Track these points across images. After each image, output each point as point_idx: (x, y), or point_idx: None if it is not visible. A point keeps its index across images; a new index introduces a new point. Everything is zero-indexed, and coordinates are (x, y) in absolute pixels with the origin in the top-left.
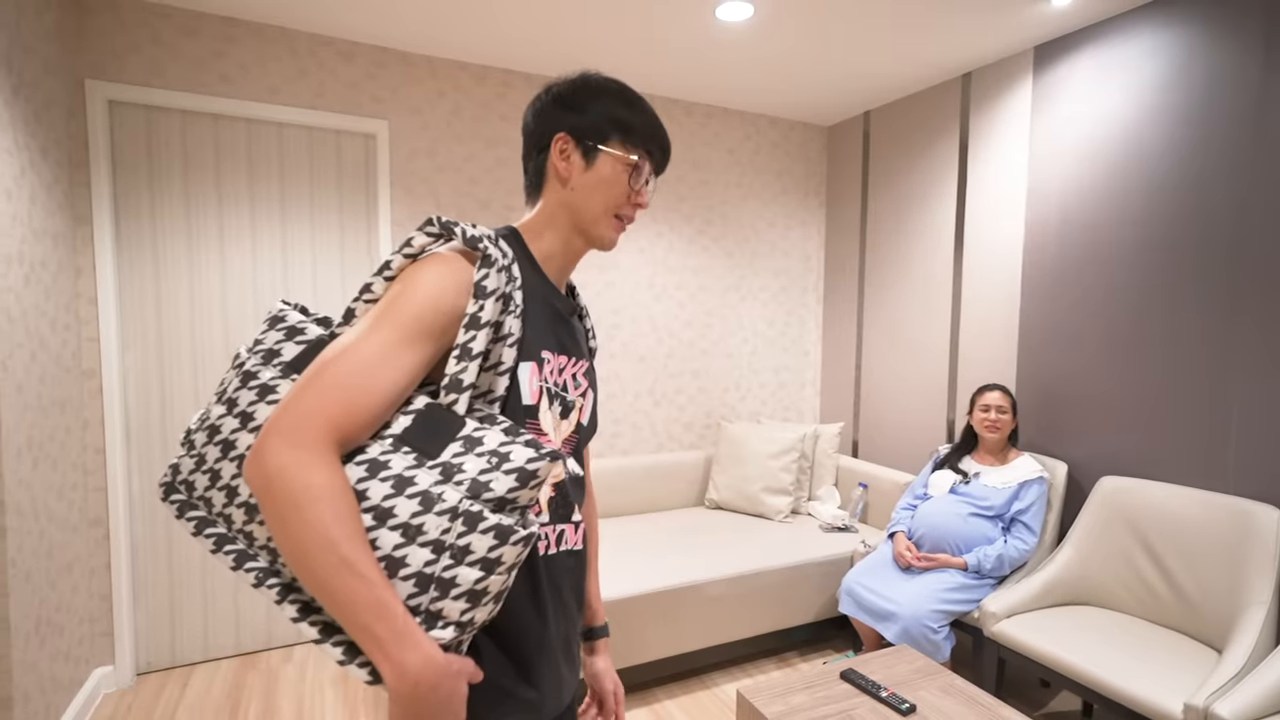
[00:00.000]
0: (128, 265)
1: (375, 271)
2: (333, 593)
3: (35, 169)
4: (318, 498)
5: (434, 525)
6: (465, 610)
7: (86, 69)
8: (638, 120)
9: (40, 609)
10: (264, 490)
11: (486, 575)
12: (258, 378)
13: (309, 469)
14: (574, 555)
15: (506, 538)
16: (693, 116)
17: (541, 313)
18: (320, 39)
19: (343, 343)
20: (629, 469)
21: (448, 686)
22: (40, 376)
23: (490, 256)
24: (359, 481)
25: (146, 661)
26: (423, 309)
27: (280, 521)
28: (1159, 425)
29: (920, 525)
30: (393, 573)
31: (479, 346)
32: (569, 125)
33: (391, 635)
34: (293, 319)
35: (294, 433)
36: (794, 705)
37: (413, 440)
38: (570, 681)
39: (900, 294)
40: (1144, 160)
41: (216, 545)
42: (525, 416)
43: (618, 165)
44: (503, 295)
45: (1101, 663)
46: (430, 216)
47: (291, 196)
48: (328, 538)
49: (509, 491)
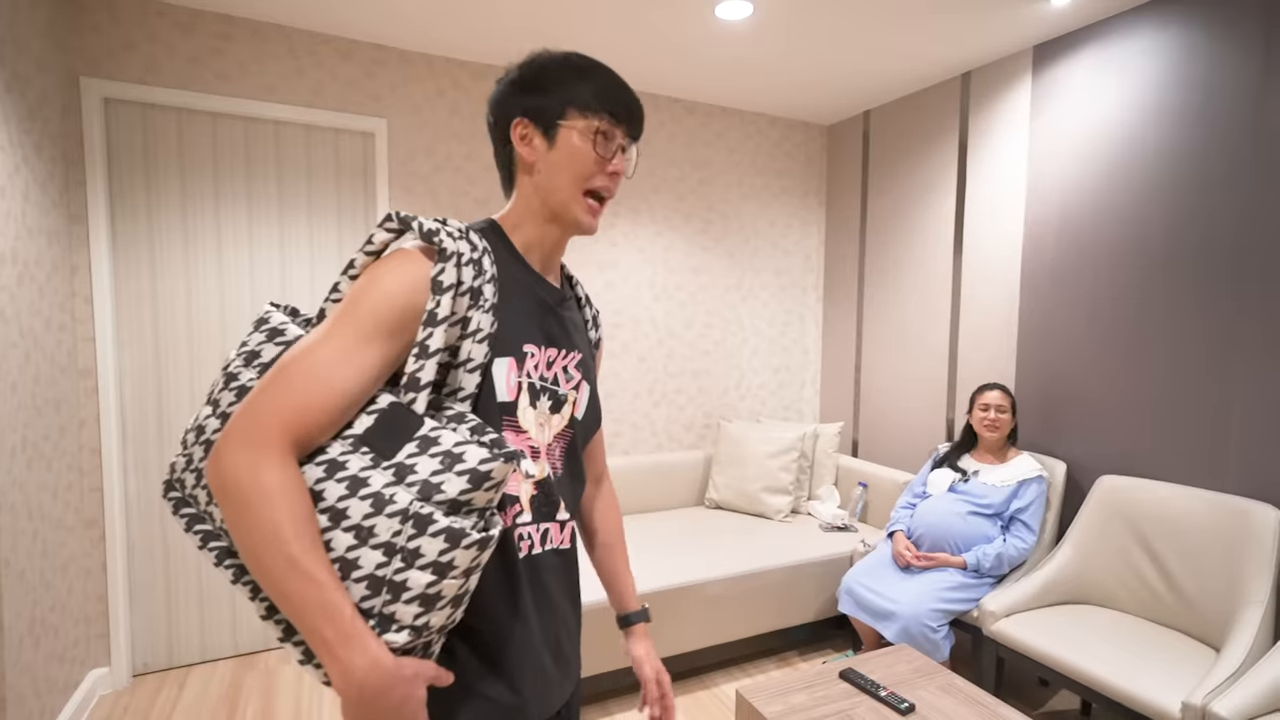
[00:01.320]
0: (124, 264)
1: (342, 270)
2: (283, 593)
3: (29, 166)
4: (269, 498)
5: (385, 527)
6: (419, 614)
7: (82, 66)
8: (594, 86)
9: (35, 610)
10: (220, 490)
11: (439, 579)
12: (238, 379)
13: (262, 469)
14: (560, 554)
15: (458, 541)
16: (694, 115)
17: (525, 305)
18: (318, 37)
19: (304, 344)
20: (629, 469)
21: (399, 691)
22: (35, 376)
23: (446, 250)
24: (317, 482)
25: (143, 663)
26: (379, 307)
27: (234, 521)
28: (1158, 424)
29: (919, 524)
30: (346, 574)
31: (436, 344)
32: (524, 108)
33: (339, 637)
34: (276, 320)
35: (249, 433)
36: (793, 705)
37: (371, 440)
38: (562, 683)
39: (900, 293)
40: (1143, 160)
41: (203, 541)
42: (501, 414)
43: (580, 136)
44: (469, 290)
45: (1100, 661)
46: (389, 212)
47: (289, 195)
48: (278, 537)
49: (461, 493)
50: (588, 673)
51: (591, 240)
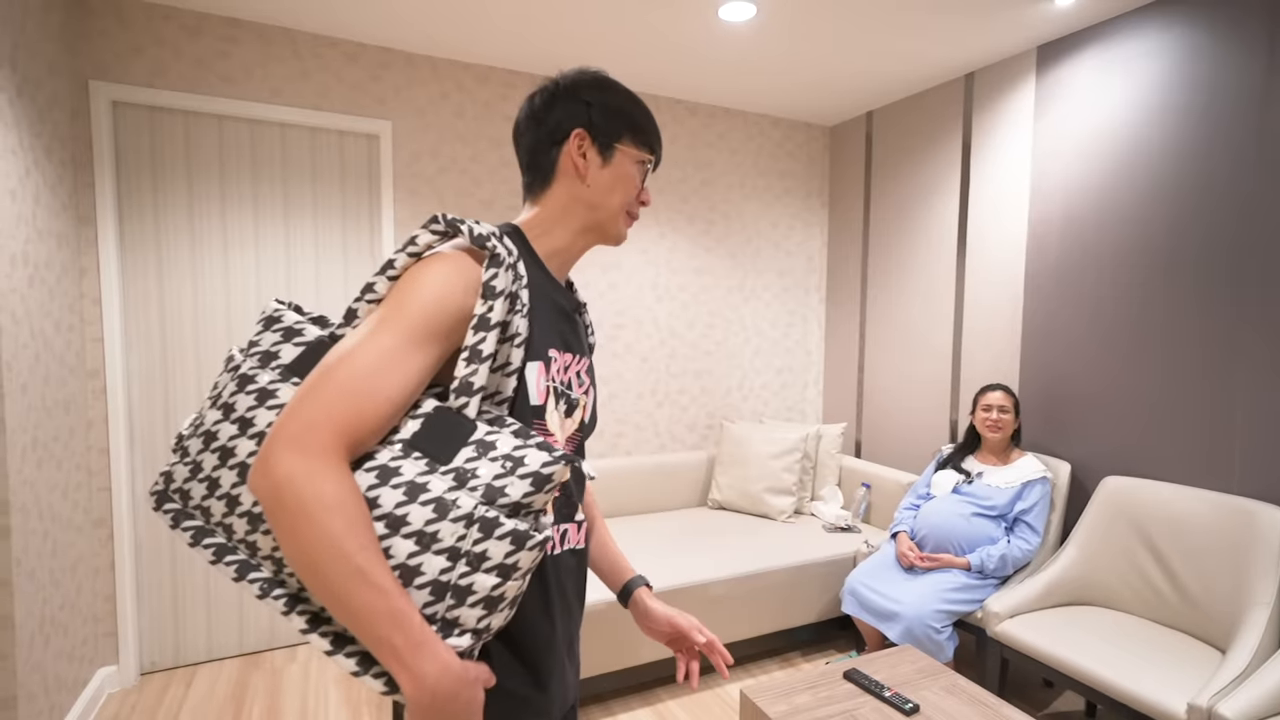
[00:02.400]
0: (131, 266)
1: (378, 270)
2: (347, 604)
3: (40, 169)
4: (329, 507)
5: (449, 532)
6: (482, 617)
7: (90, 70)
8: (647, 120)
9: (44, 608)
10: (272, 500)
11: (504, 581)
12: (255, 381)
13: (319, 478)
14: (576, 554)
15: (523, 543)
16: (696, 116)
17: (548, 311)
18: (324, 40)
19: (347, 345)
20: (632, 469)
21: (466, 694)
22: (45, 377)
23: (499, 255)
24: (370, 489)
25: (150, 661)
26: (429, 309)
27: (290, 532)
28: (1163, 425)
29: (923, 525)
30: (408, 581)
31: (489, 348)
32: (585, 121)
33: (409, 645)
34: (289, 319)
35: (301, 440)
36: (797, 705)
37: (423, 445)
38: (574, 681)
39: (903, 294)
40: (1147, 160)
41: (216, 556)
42: (533, 417)
43: (632, 163)
44: (510, 294)
45: (1104, 663)
46: (436, 214)
47: (295, 197)
48: (341, 548)
49: (524, 496)
50: (589, 673)
51: None
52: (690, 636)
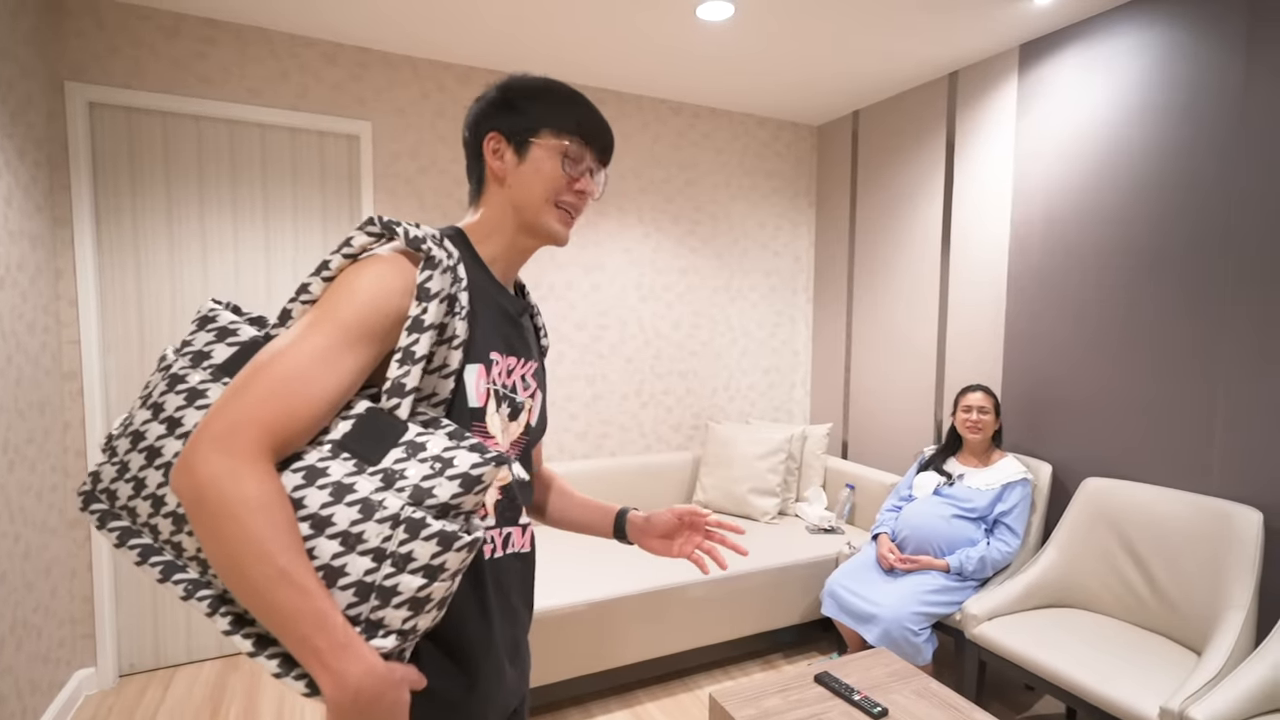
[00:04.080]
0: (109, 267)
1: (313, 271)
2: (269, 605)
3: (11, 170)
4: (252, 508)
5: (374, 533)
6: (408, 618)
7: (66, 71)
8: (567, 109)
9: (16, 611)
10: (195, 500)
11: (430, 582)
12: (186, 381)
13: (243, 478)
14: (521, 558)
15: (450, 544)
16: (680, 116)
17: (490, 314)
18: (301, 40)
19: (278, 345)
20: (616, 470)
21: (390, 696)
22: (16, 379)
23: (434, 258)
24: (295, 489)
25: (129, 663)
26: (363, 311)
27: (212, 533)
28: (1143, 426)
29: (904, 527)
30: (331, 582)
31: (422, 350)
32: (498, 124)
33: (331, 647)
34: (224, 319)
35: (226, 440)
36: (766, 709)
37: (352, 446)
38: (516, 685)
39: (889, 294)
40: (1128, 159)
41: (142, 557)
42: (471, 419)
43: (550, 153)
44: (447, 297)
45: (1080, 665)
46: (371, 215)
47: (274, 198)
48: (263, 549)
49: (453, 497)
50: (568, 675)
51: (578, 242)
52: (696, 513)
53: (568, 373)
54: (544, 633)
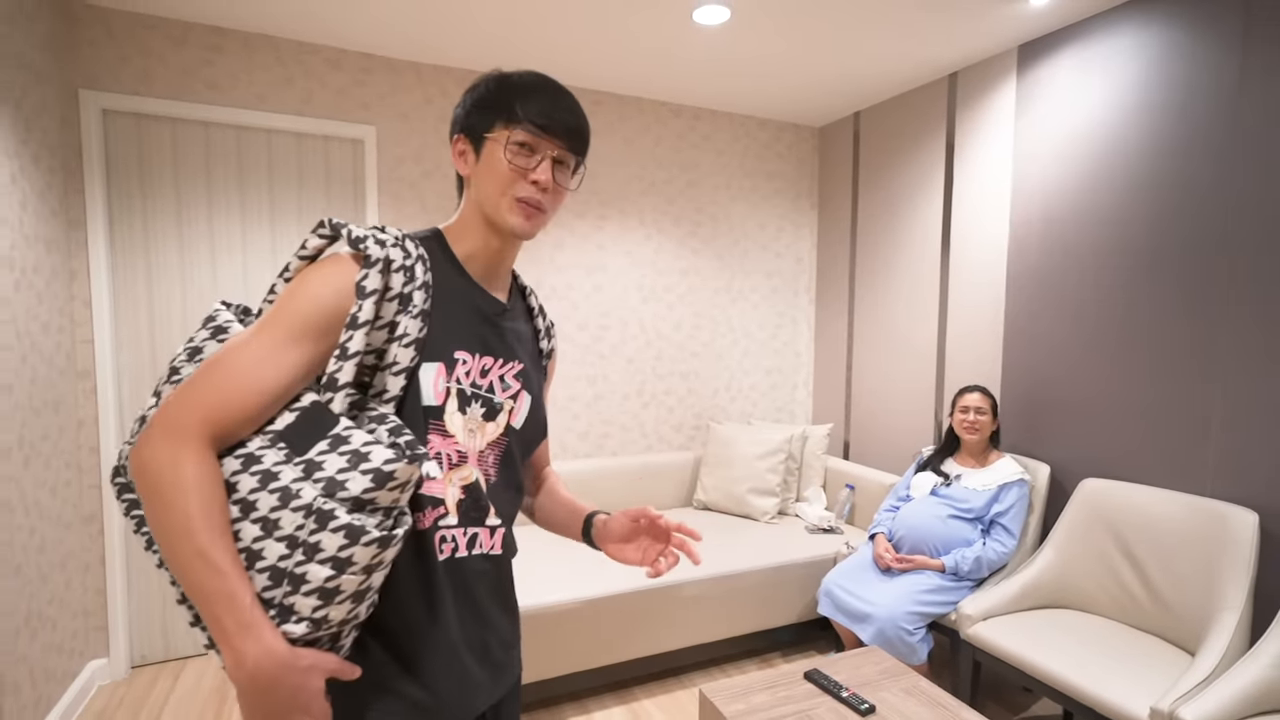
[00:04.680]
0: (121, 269)
1: (278, 273)
2: (188, 581)
3: (26, 176)
4: (182, 489)
5: (289, 521)
6: (318, 607)
7: (80, 79)
8: (523, 101)
9: (31, 603)
10: (139, 479)
11: (338, 574)
12: (179, 373)
13: (178, 461)
14: (490, 560)
15: (357, 538)
16: (680, 118)
17: (460, 313)
18: (307, 47)
19: (231, 342)
20: (617, 470)
21: (291, 680)
22: (31, 378)
23: (370, 257)
24: (233, 474)
25: (141, 654)
26: (305, 310)
27: (149, 508)
28: (1141, 427)
29: (900, 527)
30: (250, 564)
31: (356, 346)
32: (462, 126)
33: (235, 626)
34: (222, 318)
35: (169, 426)
36: (754, 704)
37: (288, 437)
38: (491, 687)
39: (889, 295)
40: (1125, 159)
41: (138, 526)
42: (428, 418)
43: (501, 147)
44: (398, 295)
45: (1072, 666)
46: (322, 219)
47: (280, 202)
48: (187, 528)
49: (364, 491)
50: (566, 671)
51: (579, 243)
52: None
53: (569, 373)
54: (542, 629)
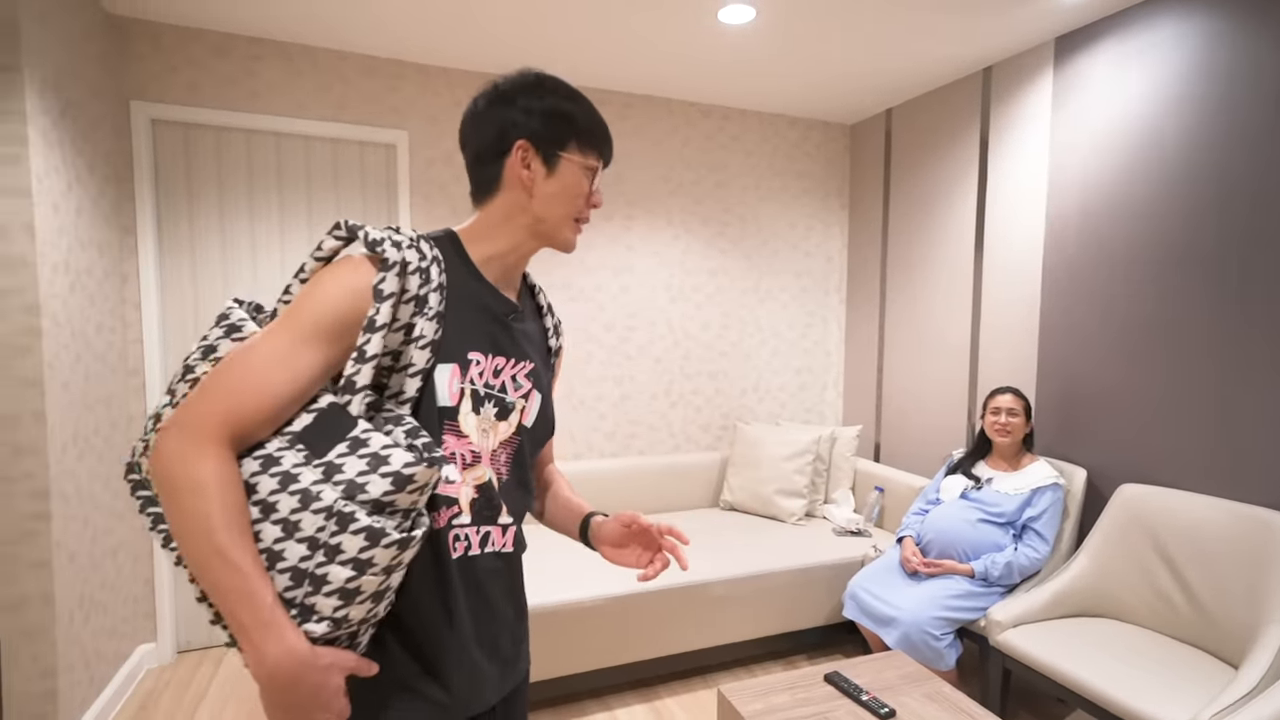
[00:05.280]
0: (169, 272)
1: (294, 274)
2: (208, 579)
3: (82, 184)
4: (202, 489)
5: (310, 523)
6: (339, 607)
7: (131, 90)
8: (592, 123)
9: (84, 588)
10: (158, 478)
11: (358, 575)
12: (194, 371)
13: (197, 461)
14: (502, 558)
15: (378, 540)
16: (709, 119)
17: (473, 314)
18: (342, 55)
19: (248, 343)
20: (644, 469)
21: (312, 678)
22: (85, 375)
23: (388, 260)
24: (252, 475)
25: (186, 640)
26: (321, 312)
27: (169, 508)
28: (1183, 430)
29: (929, 530)
30: (271, 565)
31: (373, 349)
32: (529, 131)
33: (256, 624)
34: (235, 317)
35: (188, 426)
36: (772, 705)
37: (306, 438)
38: (501, 681)
39: (922, 294)
40: (1165, 152)
41: (153, 523)
42: (443, 418)
43: (578, 171)
44: (414, 297)
45: (1107, 676)
46: (337, 221)
47: (317, 204)
48: (207, 527)
49: (384, 494)
50: (591, 667)
51: (608, 244)
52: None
53: (596, 373)
54: (567, 625)
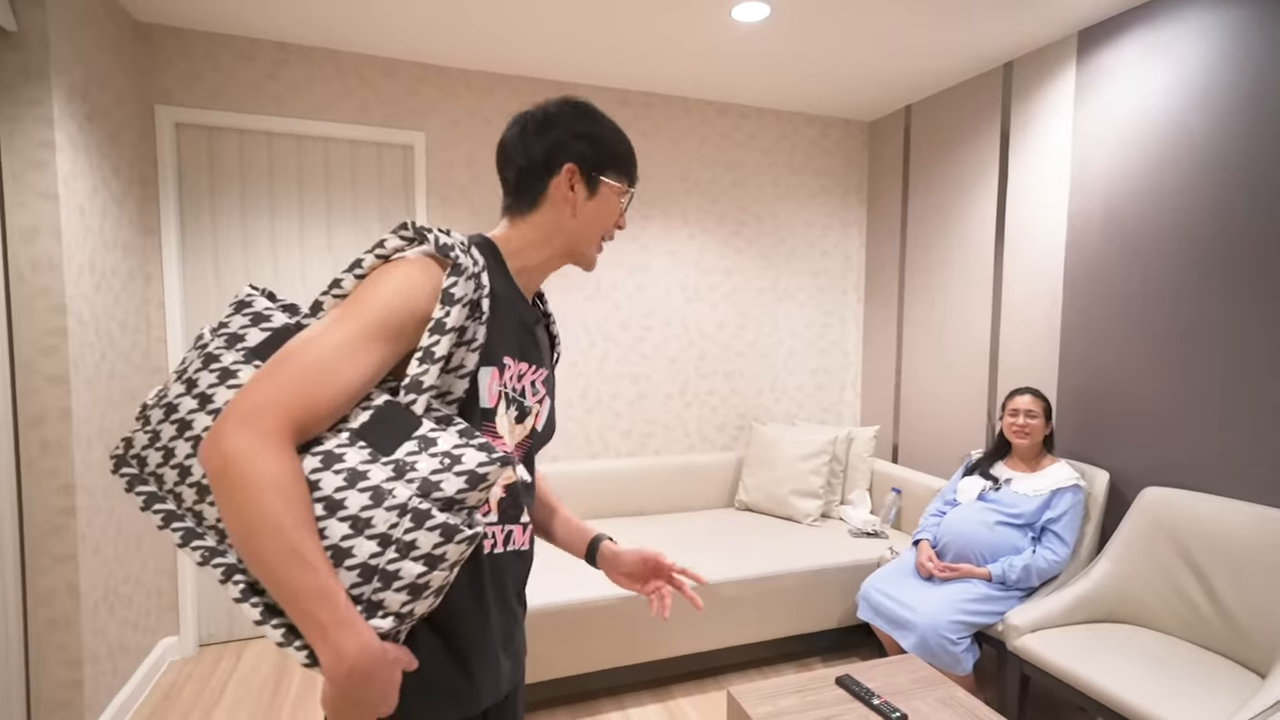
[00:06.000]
0: (192, 272)
1: (346, 269)
2: (278, 577)
3: (107, 187)
4: (270, 484)
5: (382, 519)
6: (406, 602)
7: (156, 95)
8: (628, 152)
9: (109, 580)
10: (219, 473)
11: (430, 570)
12: (219, 360)
13: (263, 456)
14: (520, 556)
15: (452, 536)
16: (726, 117)
17: (508, 321)
18: (363, 58)
19: (308, 335)
20: (659, 469)
21: (383, 674)
22: (110, 373)
23: (460, 265)
24: (313, 472)
25: (208, 633)
26: (389, 309)
27: (232, 505)
28: (1208, 432)
29: (945, 533)
30: (338, 562)
31: (441, 351)
32: (576, 155)
33: (333, 621)
34: (259, 305)
35: (252, 419)
36: (781, 707)
37: (369, 436)
38: (511, 673)
39: (941, 293)
40: (1192, 148)
41: (165, 521)
42: (482, 419)
43: (615, 195)
44: (470, 302)
45: (1127, 683)
46: (405, 221)
47: (336, 205)
48: (277, 524)
49: (458, 492)
50: (604, 666)
51: (623, 244)
52: (661, 560)
53: (613, 372)
54: (580, 624)
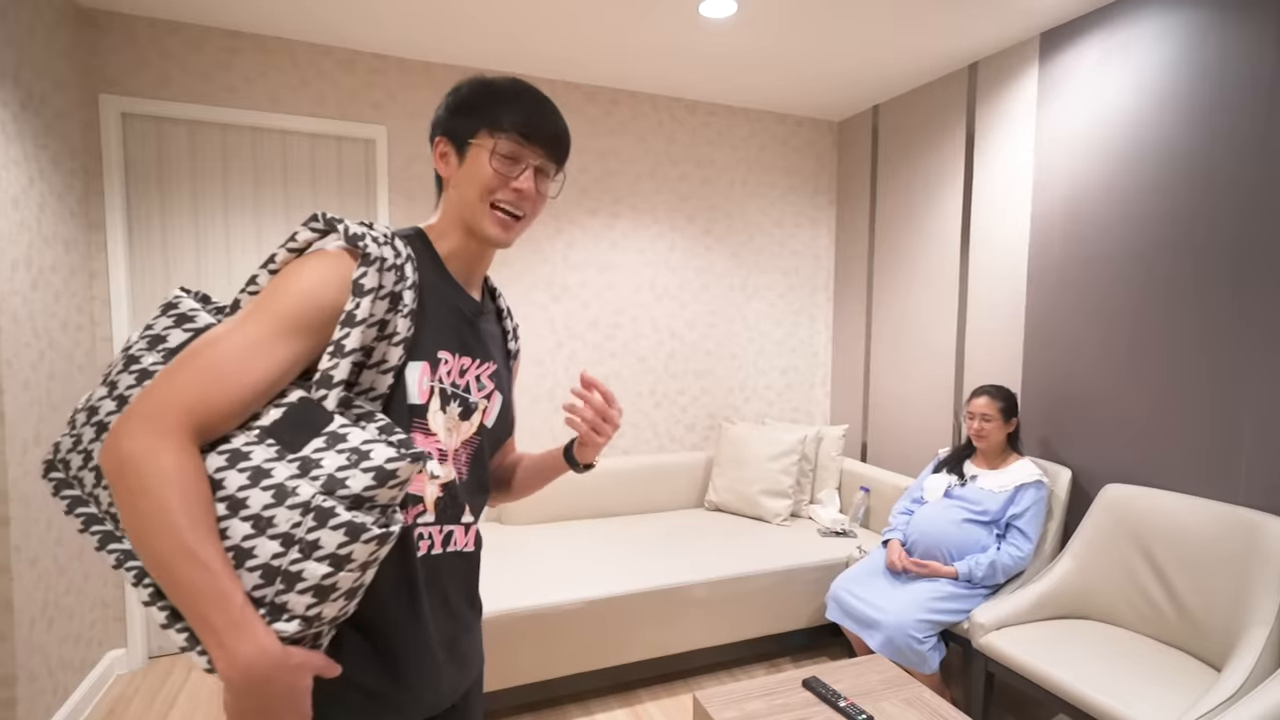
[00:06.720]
0: (140, 268)
1: (262, 264)
2: (172, 579)
3: (45, 178)
4: (166, 483)
5: (284, 518)
6: (312, 605)
7: (101, 84)
8: (508, 109)
9: (48, 593)
10: (115, 473)
11: (335, 571)
12: (139, 362)
13: (160, 455)
14: (463, 557)
15: (358, 535)
16: (695, 115)
17: (442, 313)
18: (320, 49)
19: (214, 333)
20: (627, 469)
21: (284, 679)
22: (49, 374)
23: (369, 255)
24: (217, 470)
25: (158, 645)
26: (299, 304)
27: (128, 505)
28: (1168, 431)
29: (913, 531)
30: (239, 563)
31: (352, 344)
32: (445, 128)
33: (226, 624)
34: (185, 306)
35: (149, 418)
36: (748, 712)
37: (277, 433)
38: (457, 680)
39: (908, 293)
40: (1150, 150)
41: (85, 525)
42: (412, 416)
43: (484, 154)
44: (390, 294)
45: (1089, 679)
46: (315, 212)
47: (295, 201)
48: (172, 524)
49: (365, 489)
50: (570, 671)
51: (591, 241)
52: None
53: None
54: (547, 629)
